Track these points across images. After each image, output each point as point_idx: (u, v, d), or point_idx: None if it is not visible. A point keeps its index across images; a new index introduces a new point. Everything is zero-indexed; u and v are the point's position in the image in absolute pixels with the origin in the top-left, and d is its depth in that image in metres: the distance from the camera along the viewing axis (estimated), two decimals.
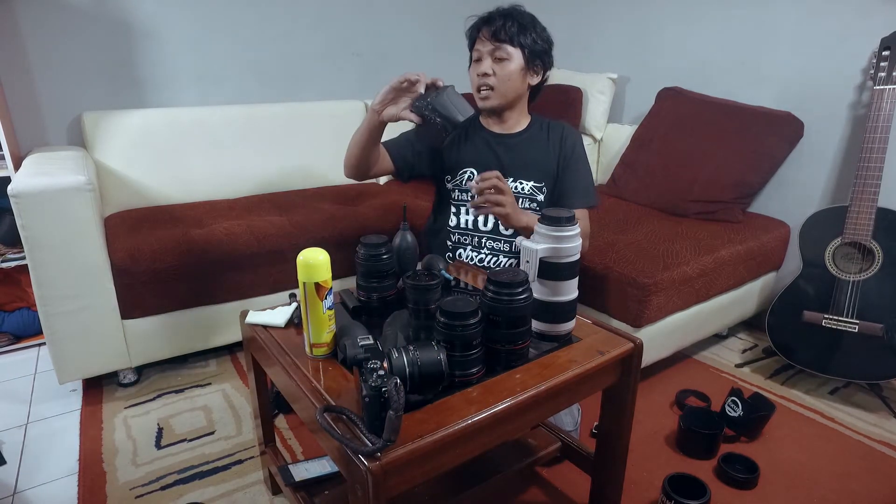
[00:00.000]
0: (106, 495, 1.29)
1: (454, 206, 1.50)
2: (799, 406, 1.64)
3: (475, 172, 1.45)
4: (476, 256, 1.47)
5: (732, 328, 2.07)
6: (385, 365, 0.78)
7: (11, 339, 1.94)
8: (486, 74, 1.37)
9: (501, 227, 1.45)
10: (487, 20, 1.38)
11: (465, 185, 1.47)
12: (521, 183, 1.45)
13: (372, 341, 0.88)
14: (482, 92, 1.40)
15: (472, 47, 1.43)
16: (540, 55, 1.40)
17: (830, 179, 1.90)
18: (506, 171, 1.44)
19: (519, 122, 1.48)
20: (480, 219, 1.48)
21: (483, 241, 1.47)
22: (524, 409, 0.87)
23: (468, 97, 1.35)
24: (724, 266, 1.69)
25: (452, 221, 1.50)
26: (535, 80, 1.43)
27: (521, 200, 1.45)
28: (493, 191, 1.25)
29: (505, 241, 1.46)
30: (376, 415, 0.73)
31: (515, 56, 1.36)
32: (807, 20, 1.88)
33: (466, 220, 1.48)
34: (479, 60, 1.39)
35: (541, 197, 1.46)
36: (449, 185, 1.50)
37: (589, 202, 1.47)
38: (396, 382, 0.72)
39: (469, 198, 1.46)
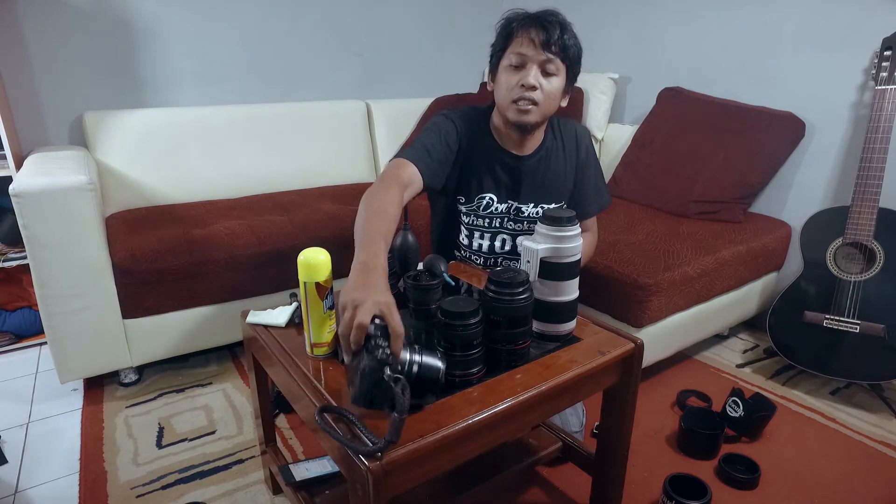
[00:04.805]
0: (107, 494, 1.29)
1: (467, 228, 1.39)
2: (800, 406, 1.64)
3: (494, 199, 1.34)
4: None
5: (733, 328, 2.07)
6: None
7: (13, 338, 1.94)
8: (533, 87, 1.17)
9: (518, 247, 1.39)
10: (540, 22, 1.16)
11: (482, 211, 1.35)
12: (541, 207, 1.36)
13: (385, 325, 0.83)
14: (522, 104, 1.19)
15: (506, 46, 1.20)
16: (576, 76, 1.25)
17: (832, 179, 1.90)
18: (524, 196, 1.35)
19: (537, 140, 1.33)
20: (497, 243, 1.38)
21: (499, 262, 1.41)
22: (525, 409, 0.86)
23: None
24: (725, 266, 1.68)
25: (465, 241, 1.41)
26: (565, 103, 1.27)
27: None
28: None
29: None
30: (368, 388, 0.72)
31: (561, 73, 1.20)
32: (808, 20, 1.88)
33: (480, 245, 1.39)
34: (521, 67, 1.18)
35: None
36: (462, 208, 1.38)
37: (603, 205, 1.42)
38: (403, 383, 0.72)
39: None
